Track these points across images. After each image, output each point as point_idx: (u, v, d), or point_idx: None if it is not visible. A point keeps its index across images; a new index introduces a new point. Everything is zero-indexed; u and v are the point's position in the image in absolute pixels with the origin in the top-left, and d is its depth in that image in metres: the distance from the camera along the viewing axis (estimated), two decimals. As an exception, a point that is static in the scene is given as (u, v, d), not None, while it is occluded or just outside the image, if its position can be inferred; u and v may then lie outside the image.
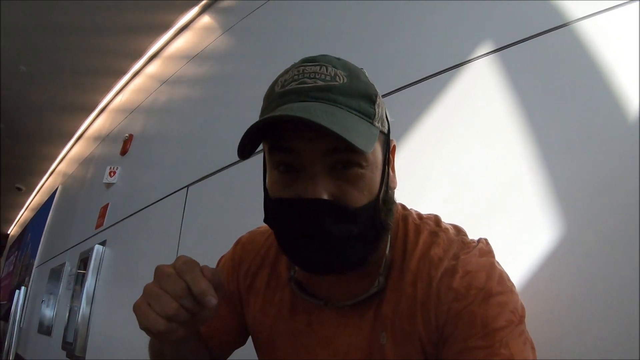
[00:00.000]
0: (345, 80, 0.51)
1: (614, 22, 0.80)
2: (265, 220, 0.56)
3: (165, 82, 2.57)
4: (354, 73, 0.53)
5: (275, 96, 0.52)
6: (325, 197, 0.49)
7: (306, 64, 0.53)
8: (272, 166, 0.53)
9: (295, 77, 0.52)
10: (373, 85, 0.55)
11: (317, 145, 0.49)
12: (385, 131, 0.56)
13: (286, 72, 0.54)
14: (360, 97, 0.52)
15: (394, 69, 1.13)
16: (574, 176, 0.75)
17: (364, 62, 1.19)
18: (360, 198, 0.50)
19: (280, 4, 1.76)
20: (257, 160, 0.60)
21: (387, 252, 0.58)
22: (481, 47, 0.97)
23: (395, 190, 0.62)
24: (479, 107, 0.93)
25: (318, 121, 0.44)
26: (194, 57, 2.32)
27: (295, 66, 0.54)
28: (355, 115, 0.50)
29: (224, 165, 1.61)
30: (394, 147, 0.61)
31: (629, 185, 0.68)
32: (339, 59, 0.55)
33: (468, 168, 0.90)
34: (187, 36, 2.59)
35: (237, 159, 1.49)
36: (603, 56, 0.79)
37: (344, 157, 0.49)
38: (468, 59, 0.99)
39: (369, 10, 1.30)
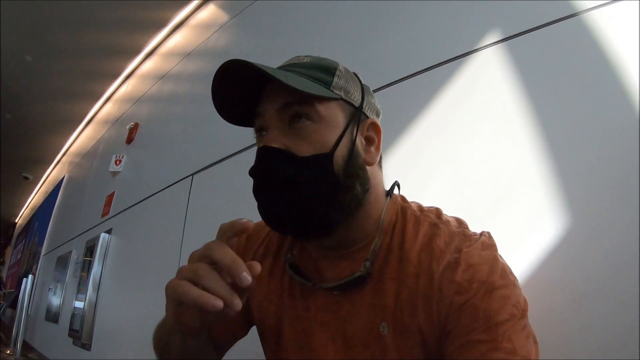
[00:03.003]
0: (308, 60, 0.60)
1: (624, 12, 0.78)
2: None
3: (170, 70, 2.57)
4: (320, 58, 0.61)
5: None
6: (275, 145, 0.54)
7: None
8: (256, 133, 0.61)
9: None
10: (339, 64, 0.61)
11: (273, 103, 0.56)
12: (355, 104, 0.59)
13: None
14: (316, 69, 0.58)
15: (399, 58, 1.12)
16: (581, 170, 0.74)
17: (368, 51, 1.19)
18: (307, 149, 0.55)
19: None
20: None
21: (376, 238, 0.59)
22: (488, 37, 0.96)
23: (400, 182, 0.65)
24: (485, 98, 0.92)
25: (258, 66, 0.51)
26: (199, 45, 2.31)
27: None
28: (306, 78, 0.56)
29: (229, 154, 1.61)
30: (378, 127, 0.63)
31: (637, 180, 0.67)
32: (319, 57, 0.62)
33: (473, 160, 0.89)
34: (193, 25, 2.58)
35: (242, 147, 1.51)
36: (613, 47, 0.77)
37: (296, 110, 0.55)
38: (474, 48, 0.97)
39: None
